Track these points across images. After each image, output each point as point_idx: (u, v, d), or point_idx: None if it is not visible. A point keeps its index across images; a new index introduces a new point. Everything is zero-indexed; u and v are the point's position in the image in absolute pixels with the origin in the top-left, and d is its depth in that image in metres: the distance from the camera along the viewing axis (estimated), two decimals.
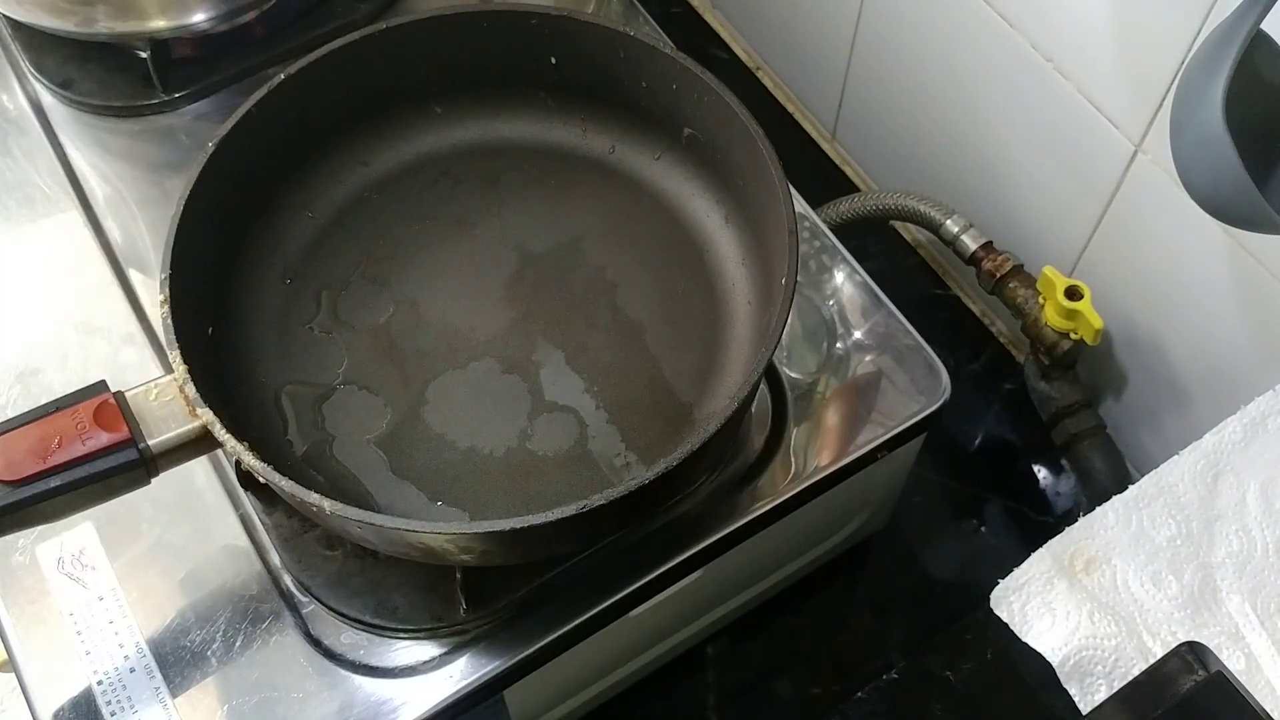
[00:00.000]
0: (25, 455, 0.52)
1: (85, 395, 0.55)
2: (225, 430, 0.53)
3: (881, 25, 0.85)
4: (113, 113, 0.78)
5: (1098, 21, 0.66)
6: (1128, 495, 0.56)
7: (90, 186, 0.75)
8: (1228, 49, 0.46)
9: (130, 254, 0.72)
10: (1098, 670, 0.53)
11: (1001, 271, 0.79)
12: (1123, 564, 0.55)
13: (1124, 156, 0.69)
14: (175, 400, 0.55)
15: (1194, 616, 0.53)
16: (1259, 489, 0.55)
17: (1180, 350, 0.74)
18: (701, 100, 0.64)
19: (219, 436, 0.53)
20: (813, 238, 0.72)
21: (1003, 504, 0.83)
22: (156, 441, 0.55)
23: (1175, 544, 0.55)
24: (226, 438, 0.53)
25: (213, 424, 0.54)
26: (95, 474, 0.53)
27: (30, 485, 0.52)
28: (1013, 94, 0.76)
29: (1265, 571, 0.54)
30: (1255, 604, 0.53)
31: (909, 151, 0.90)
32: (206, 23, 0.75)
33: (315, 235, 0.68)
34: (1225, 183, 0.47)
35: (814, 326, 0.69)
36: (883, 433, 0.65)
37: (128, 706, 0.58)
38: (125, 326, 0.70)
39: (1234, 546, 0.55)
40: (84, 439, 0.53)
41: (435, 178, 0.71)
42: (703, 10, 1.08)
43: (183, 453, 0.56)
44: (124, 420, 0.54)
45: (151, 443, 0.54)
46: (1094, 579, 0.54)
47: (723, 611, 0.76)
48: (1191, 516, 0.55)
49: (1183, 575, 0.54)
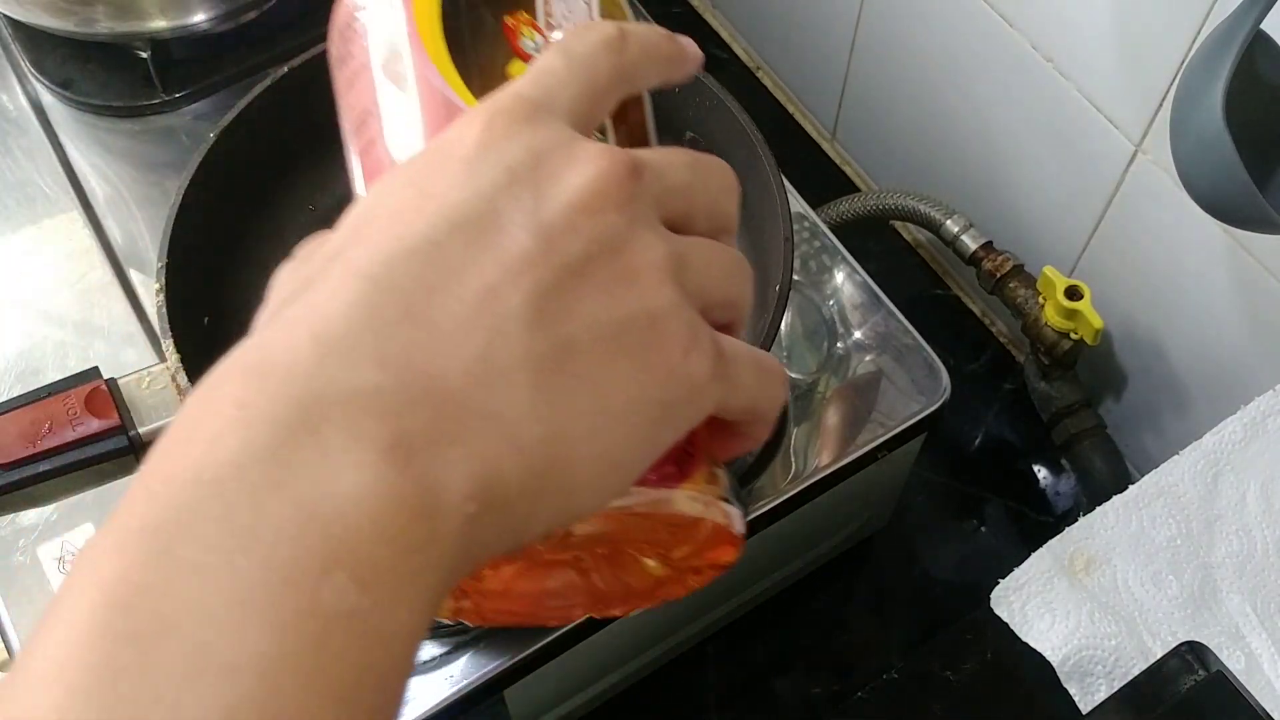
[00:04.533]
0: (15, 439, 0.52)
1: (77, 381, 0.55)
2: None
3: (881, 25, 0.85)
4: (113, 113, 0.78)
5: (1098, 22, 0.66)
6: (1128, 495, 0.56)
7: (90, 186, 0.75)
8: (1228, 49, 0.46)
9: (130, 254, 0.72)
10: (1098, 670, 0.53)
11: (1001, 271, 0.79)
12: (1123, 564, 0.55)
13: (1124, 156, 0.69)
14: (167, 389, 0.55)
15: (1194, 616, 0.53)
16: (1259, 489, 0.55)
17: (1180, 350, 0.74)
18: (703, 104, 0.64)
19: None
20: (813, 238, 0.72)
21: (1003, 504, 0.83)
22: (147, 429, 0.55)
23: (1175, 544, 0.55)
24: None
25: None
26: (84, 459, 0.53)
27: (19, 469, 0.52)
28: (1013, 94, 0.76)
29: (1265, 571, 0.54)
30: (1255, 604, 0.53)
31: (909, 151, 0.90)
32: (206, 23, 0.75)
33: (316, 228, 0.68)
34: (1225, 183, 0.47)
35: (814, 326, 0.69)
36: (883, 433, 0.65)
37: None
38: (125, 326, 0.69)
39: (1234, 546, 0.55)
40: (74, 424, 0.53)
41: None
42: (703, 10, 1.08)
43: None
44: (115, 407, 0.54)
45: (142, 430, 0.54)
46: (1094, 579, 0.54)
47: (723, 611, 0.76)
48: (1191, 516, 0.55)
49: (1183, 575, 0.54)
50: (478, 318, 0.25)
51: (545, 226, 0.26)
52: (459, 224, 0.26)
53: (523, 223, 0.26)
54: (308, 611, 0.21)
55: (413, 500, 0.23)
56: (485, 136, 0.27)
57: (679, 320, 0.27)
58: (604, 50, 0.30)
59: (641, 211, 0.28)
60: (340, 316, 0.25)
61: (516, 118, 0.28)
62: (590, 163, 0.27)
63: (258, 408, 0.23)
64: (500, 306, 0.25)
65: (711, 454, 0.31)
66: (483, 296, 0.25)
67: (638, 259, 0.27)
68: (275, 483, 0.22)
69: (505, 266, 0.26)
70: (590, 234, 0.26)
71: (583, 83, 0.29)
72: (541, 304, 0.25)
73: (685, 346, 0.27)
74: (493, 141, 0.27)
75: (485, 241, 0.26)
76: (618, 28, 0.30)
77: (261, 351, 0.25)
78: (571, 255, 0.26)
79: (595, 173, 0.27)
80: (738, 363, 0.28)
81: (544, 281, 0.26)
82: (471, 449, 0.24)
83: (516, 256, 0.26)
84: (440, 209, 0.26)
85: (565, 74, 0.29)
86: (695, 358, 0.27)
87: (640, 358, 0.26)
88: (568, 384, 0.25)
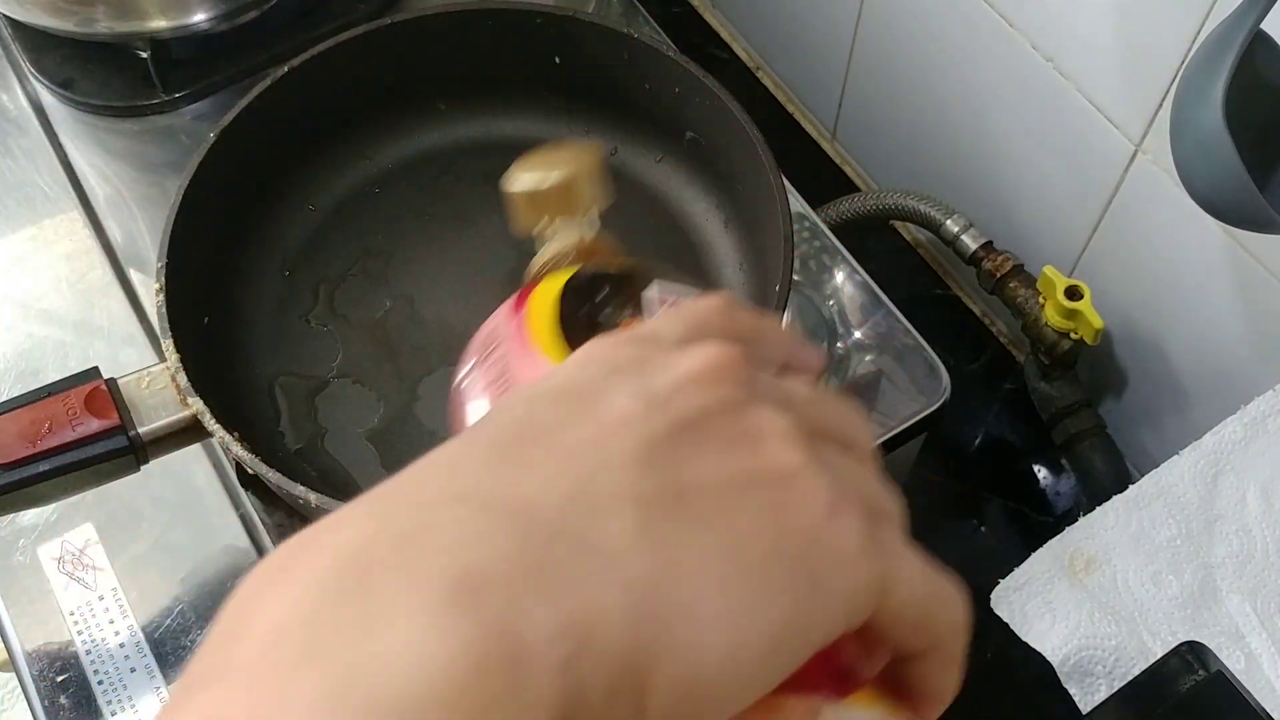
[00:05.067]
0: (15, 439, 0.53)
1: (77, 381, 0.55)
2: (215, 420, 0.53)
3: (881, 25, 0.85)
4: (113, 113, 0.78)
5: (1098, 22, 0.66)
6: (1128, 495, 0.56)
7: (90, 186, 0.75)
8: (1228, 49, 0.46)
9: (130, 254, 0.72)
10: (1098, 670, 0.53)
11: (1001, 271, 0.79)
12: (1123, 564, 0.55)
13: (1124, 156, 0.69)
14: (167, 389, 0.55)
15: (1194, 616, 0.53)
16: (1259, 489, 0.55)
17: (1180, 350, 0.74)
18: (703, 104, 0.64)
19: (209, 426, 0.53)
20: (813, 238, 0.72)
21: (1003, 504, 0.83)
22: (146, 429, 0.55)
23: (1175, 544, 0.55)
24: (216, 427, 0.53)
25: (203, 413, 0.54)
26: (84, 459, 0.53)
27: (19, 469, 0.52)
28: (1013, 94, 0.76)
29: (1265, 571, 0.54)
30: (1255, 604, 0.53)
31: (909, 151, 0.90)
32: (206, 23, 0.75)
33: (315, 228, 0.69)
34: (1225, 183, 0.47)
35: (814, 326, 0.69)
36: (883, 433, 0.65)
37: (128, 705, 0.58)
38: (125, 326, 0.69)
39: (1234, 546, 0.55)
40: (74, 424, 0.53)
41: (437, 174, 0.71)
42: (703, 10, 1.08)
43: (172, 441, 0.56)
44: (115, 407, 0.54)
45: (141, 430, 0.54)
46: (1094, 579, 0.54)
47: None
48: (1191, 516, 0.55)
49: (1183, 575, 0.54)
50: (578, 457, 0.22)
51: (651, 392, 0.23)
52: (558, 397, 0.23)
53: (626, 389, 0.23)
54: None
55: (484, 641, 0.18)
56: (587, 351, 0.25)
57: (819, 480, 0.23)
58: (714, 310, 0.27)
59: (761, 388, 0.24)
60: (418, 467, 0.22)
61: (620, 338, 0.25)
62: (701, 350, 0.24)
63: (304, 571, 0.20)
64: (604, 449, 0.22)
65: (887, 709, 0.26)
66: (584, 442, 0.22)
67: (763, 422, 0.23)
68: (309, 653, 0.18)
69: (609, 420, 0.22)
70: (704, 398, 0.23)
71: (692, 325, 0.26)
72: (652, 450, 0.22)
73: (830, 509, 0.23)
74: (594, 354, 0.25)
75: (586, 407, 0.23)
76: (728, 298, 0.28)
77: (319, 524, 0.21)
78: (685, 411, 0.23)
79: (708, 355, 0.24)
80: (899, 552, 0.24)
81: (655, 431, 0.22)
82: (561, 580, 0.20)
83: (621, 412, 0.23)
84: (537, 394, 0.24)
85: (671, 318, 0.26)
86: (844, 524, 0.23)
87: (773, 512, 0.22)
88: (685, 524, 0.21)
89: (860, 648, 0.25)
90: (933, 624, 0.25)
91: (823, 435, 0.25)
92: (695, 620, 0.20)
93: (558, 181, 0.42)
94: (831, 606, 0.22)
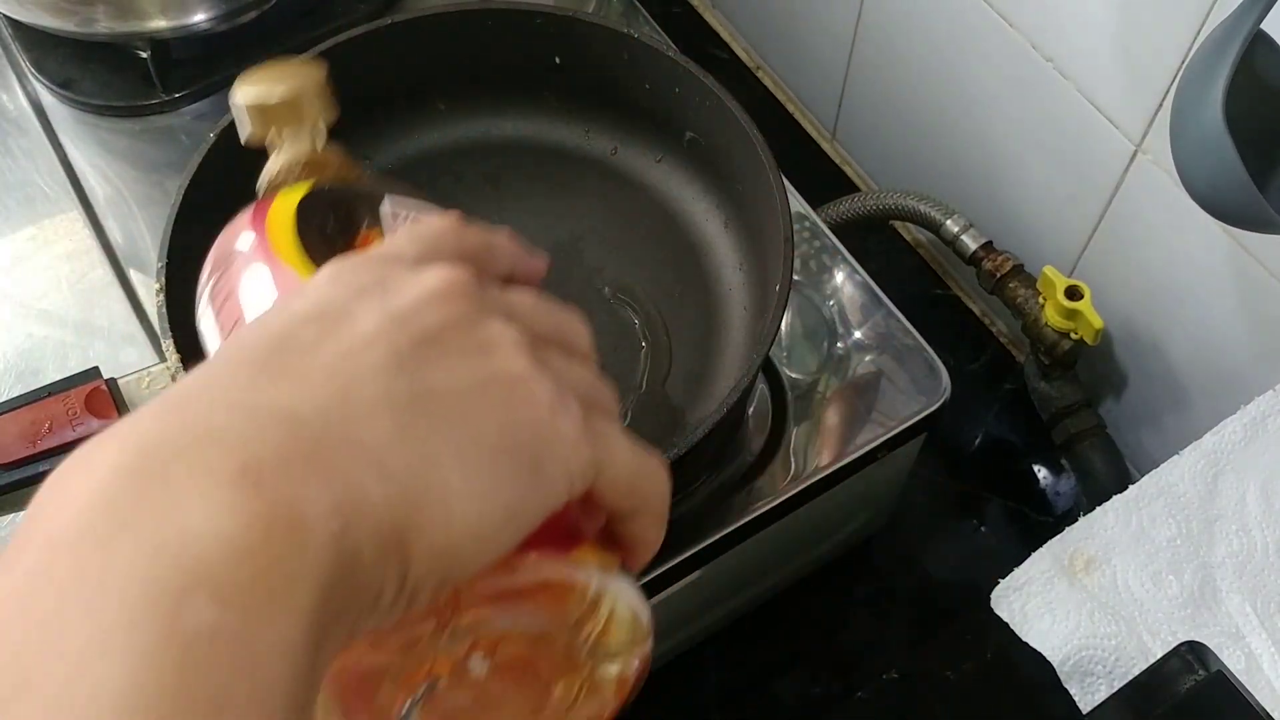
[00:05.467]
0: (15, 439, 0.53)
1: (78, 381, 0.55)
2: None
3: (882, 25, 0.85)
4: (113, 113, 0.78)
5: (1098, 21, 0.66)
6: (1128, 495, 0.56)
7: (90, 186, 0.75)
8: (1228, 49, 0.46)
9: (130, 254, 0.72)
10: (1098, 670, 0.53)
11: (1001, 271, 0.79)
12: (1123, 564, 0.55)
13: (1124, 156, 0.69)
14: (167, 389, 0.55)
15: (1194, 616, 0.53)
16: (1259, 489, 0.55)
17: (1180, 350, 0.74)
18: (703, 104, 0.64)
19: None
20: (813, 238, 0.72)
21: (1003, 504, 0.83)
22: None
23: (1175, 544, 0.55)
24: None
25: None
26: None
27: (19, 469, 0.53)
28: (1013, 94, 0.76)
29: (1265, 571, 0.54)
30: (1255, 604, 0.53)
31: (909, 151, 0.90)
32: (206, 23, 0.75)
33: None
34: (1225, 183, 0.47)
35: (814, 326, 0.69)
36: (883, 433, 0.65)
37: None
38: (125, 326, 0.69)
39: (1234, 546, 0.55)
40: (74, 425, 0.53)
41: (437, 174, 0.71)
42: (703, 10, 1.08)
43: None
44: (115, 407, 0.54)
45: None
46: (1094, 579, 0.54)
47: (723, 612, 0.76)
48: (1191, 516, 0.55)
49: (1183, 575, 0.54)
50: (334, 371, 0.26)
51: (394, 311, 0.27)
52: (312, 317, 0.27)
53: (372, 310, 0.27)
54: (167, 636, 0.21)
55: (268, 517, 0.23)
56: (333, 271, 0.29)
57: (541, 385, 0.28)
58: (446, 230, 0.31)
59: (490, 303, 0.29)
60: (190, 381, 0.26)
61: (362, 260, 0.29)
62: (435, 272, 0.28)
63: (104, 463, 0.23)
64: (357, 362, 0.26)
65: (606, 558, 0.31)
66: (339, 357, 0.26)
67: (493, 334, 0.28)
68: (122, 526, 0.22)
69: (359, 337, 0.26)
70: (441, 314, 0.27)
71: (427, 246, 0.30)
72: (399, 360, 0.26)
73: (551, 406, 0.28)
74: (340, 275, 0.29)
75: (337, 326, 0.27)
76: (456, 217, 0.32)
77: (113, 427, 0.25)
78: (425, 326, 0.27)
79: (441, 276, 0.28)
80: (610, 436, 0.29)
81: (399, 345, 0.26)
82: (331, 470, 0.24)
83: (369, 331, 0.27)
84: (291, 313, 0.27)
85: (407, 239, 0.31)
86: (563, 418, 0.28)
87: (505, 409, 0.27)
88: (432, 422, 0.26)
89: (583, 512, 0.30)
90: (639, 490, 0.30)
91: (545, 341, 0.30)
92: (445, 501, 0.25)
93: (284, 96, 0.45)
94: (555, 483, 0.27)
